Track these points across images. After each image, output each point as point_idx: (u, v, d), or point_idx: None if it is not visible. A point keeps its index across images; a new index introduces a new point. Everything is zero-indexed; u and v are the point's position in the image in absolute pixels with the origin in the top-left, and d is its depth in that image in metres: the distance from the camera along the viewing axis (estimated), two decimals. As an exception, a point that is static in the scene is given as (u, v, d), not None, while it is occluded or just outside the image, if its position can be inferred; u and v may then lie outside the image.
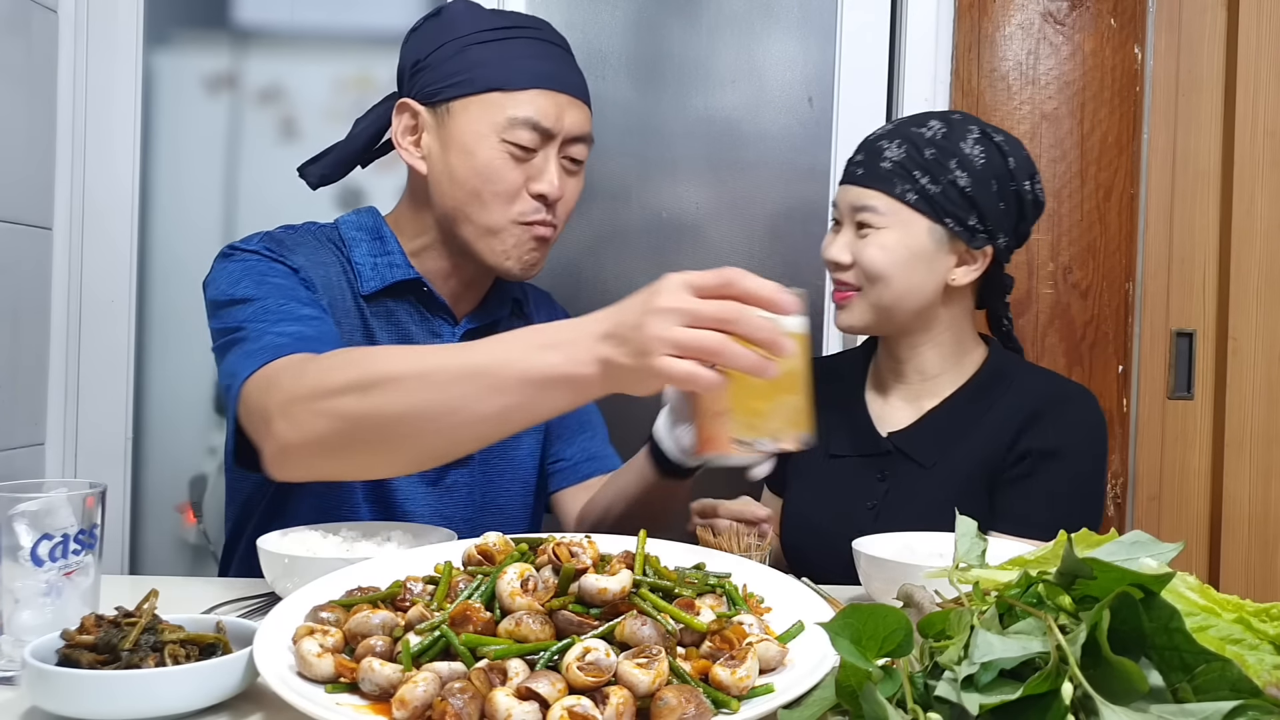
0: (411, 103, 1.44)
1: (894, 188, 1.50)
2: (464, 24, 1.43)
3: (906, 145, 1.50)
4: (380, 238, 1.48)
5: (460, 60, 1.40)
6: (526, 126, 1.39)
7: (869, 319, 1.55)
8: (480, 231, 1.42)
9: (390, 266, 1.46)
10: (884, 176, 1.50)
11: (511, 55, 1.41)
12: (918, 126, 1.53)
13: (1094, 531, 0.95)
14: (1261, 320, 2.19)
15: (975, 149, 1.50)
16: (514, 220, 1.41)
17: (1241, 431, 2.19)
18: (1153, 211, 2.23)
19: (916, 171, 1.49)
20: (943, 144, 1.50)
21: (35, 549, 0.94)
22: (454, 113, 1.41)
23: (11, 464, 1.99)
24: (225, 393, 1.28)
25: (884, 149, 1.52)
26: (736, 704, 0.80)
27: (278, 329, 1.26)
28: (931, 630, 0.76)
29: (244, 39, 2.22)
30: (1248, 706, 0.63)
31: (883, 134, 1.55)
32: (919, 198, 1.49)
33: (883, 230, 1.50)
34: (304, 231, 1.48)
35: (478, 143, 1.39)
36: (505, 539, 1.00)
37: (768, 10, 2.20)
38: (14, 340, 2.01)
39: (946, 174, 1.49)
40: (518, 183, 1.40)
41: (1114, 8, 2.11)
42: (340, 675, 0.85)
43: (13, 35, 1.97)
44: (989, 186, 1.50)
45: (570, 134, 1.42)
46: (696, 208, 2.21)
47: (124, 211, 2.15)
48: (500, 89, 1.39)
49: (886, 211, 1.50)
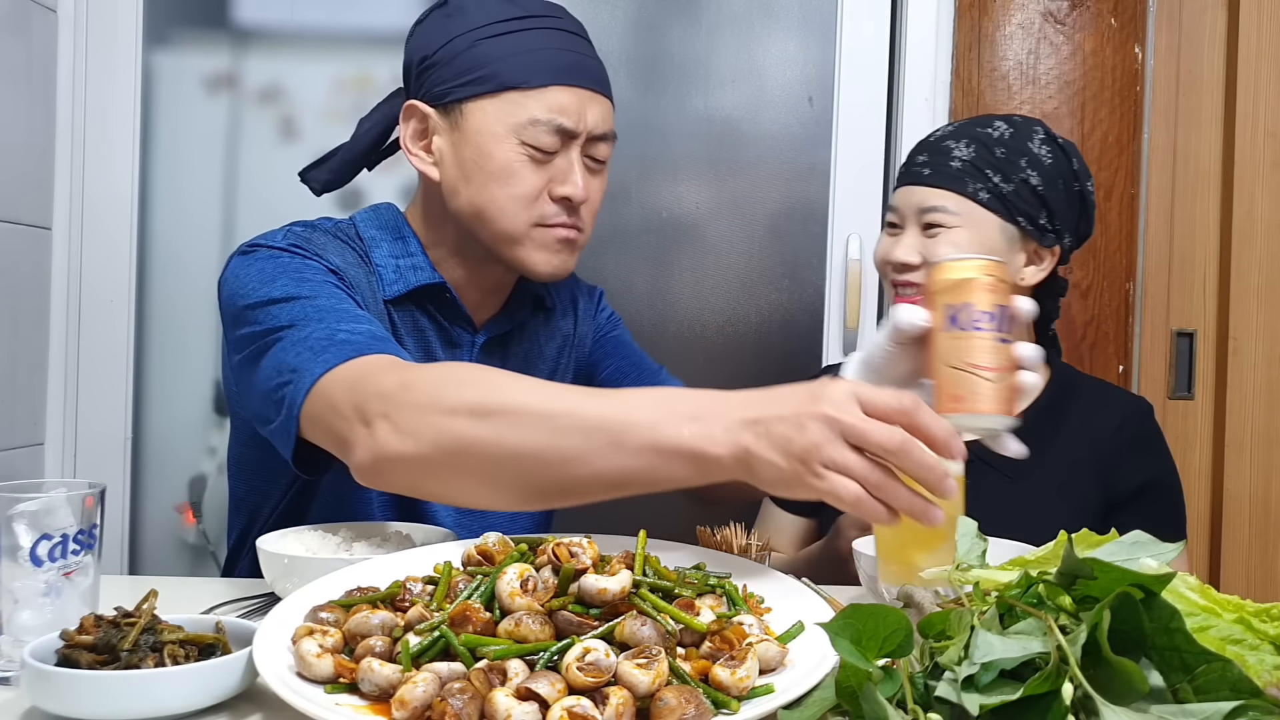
0: (420, 105, 1.35)
1: (965, 186, 1.48)
2: (474, 15, 1.32)
3: (975, 145, 1.49)
4: (401, 237, 1.39)
5: (472, 56, 1.31)
6: (547, 127, 1.30)
7: None
8: (500, 237, 1.33)
9: (414, 269, 1.37)
10: (955, 176, 1.49)
11: (528, 48, 1.31)
12: (983, 127, 1.52)
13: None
14: (1262, 320, 2.19)
15: (1042, 149, 1.50)
16: (535, 223, 1.33)
17: (1242, 431, 2.19)
18: (1153, 211, 2.22)
19: (988, 170, 1.48)
20: (1011, 143, 1.49)
21: (34, 549, 0.94)
22: (467, 114, 1.31)
23: (11, 464, 1.99)
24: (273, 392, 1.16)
25: (952, 149, 1.50)
26: (736, 704, 0.80)
27: (346, 326, 1.17)
28: (932, 630, 0.76)
29: (244, 39, 2.22)
30: (1248, 707, 0.63)
31: (947, 134, 1.53)
32: (991, 196, 1.48)
33: (955, 230, 1.48)
34: (324, 229, 1.37)
35: (494, 145, 1.30)
36: (505, 539, 1.00)
37: (768, 10, 2.20)
38: (13, 340, 2.01)
39: (1018, 172, 1.48)
40: (538, 186, 1.32)
41: (1114, 7, 2.11)
42: (340, 675, 0.85)
43: (12, 35, 1.97)
44: (1057, 185, 1.50)
45: (593, 132, 1.33)
46: (696, 208, 2.21)
47: (123, 211, 2.15)
48: (517, 86, 1.29)
49: (958, 211, 1.48)
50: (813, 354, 2.22)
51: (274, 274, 1.24)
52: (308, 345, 1.14)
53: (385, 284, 1.35)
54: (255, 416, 1.23)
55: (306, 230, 1.35)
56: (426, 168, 1.36)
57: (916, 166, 1.53)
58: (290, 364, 1.14)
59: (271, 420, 1.17)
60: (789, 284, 2.24)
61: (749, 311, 2.23)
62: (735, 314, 2.23)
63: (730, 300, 2.23)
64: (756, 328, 2.23)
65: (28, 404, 2.07)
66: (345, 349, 1.12)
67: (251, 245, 1.31)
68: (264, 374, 1.18)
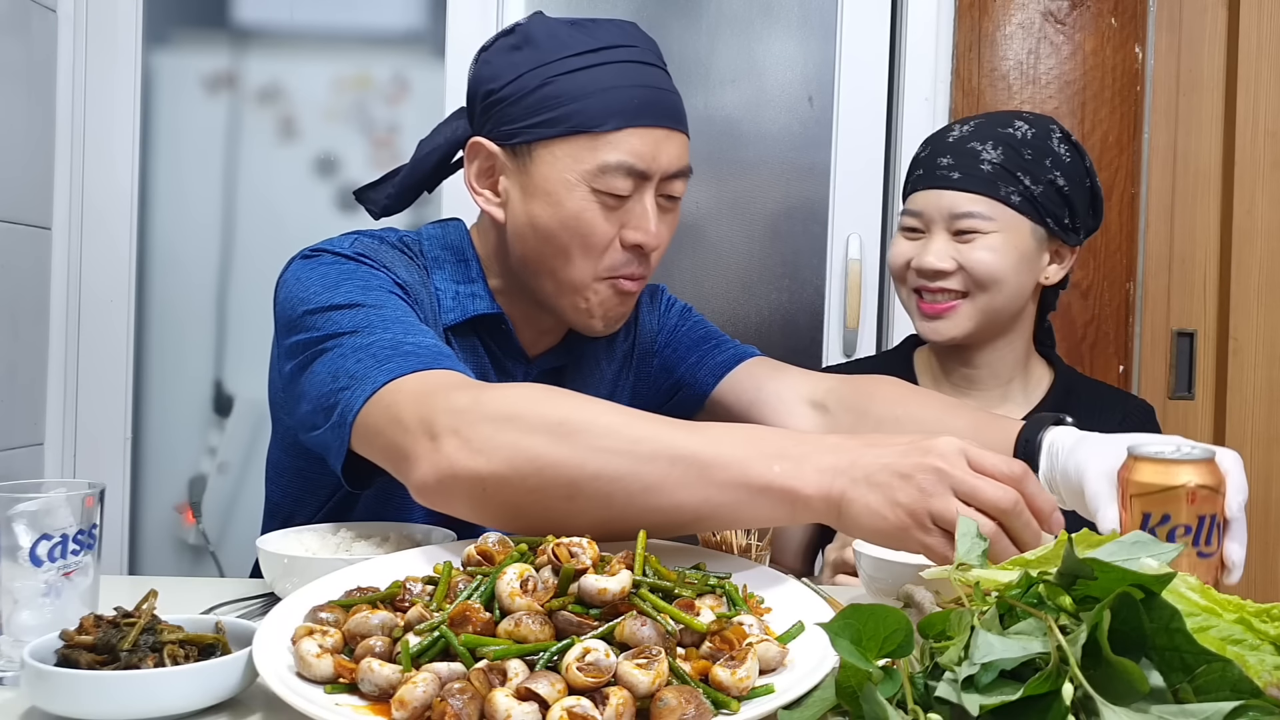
0: (486, 143, 1.27)
1: (998, 190, 1.47)
2: (546, 48, 1.23)
3: (1003, 147, 1.48)
4: (465, 261, 1.32)
5: (541, 95, 1.22)
6: (620, 172, 1.22)
7: (971, 327, 1.50)
8: (562, 288, 1.27)
9: (472, 297, 1.30)
10: (987, 180, 1.47)
11: (601, 86, 1.22)
12: (1005, 127, 1.50)
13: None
14: (1262, 320, 2.19)
15: (1061, 148, 1.50)
16: (600, 276, 1.26)
17: (1242, 432, 2.19)
18: (1153, 211, 2.22)
19: (1019, 173, 1.47)
20: (1035, 144, 1.48)
21: (34, 549, 0.94)
22: (536, 157, 1.23)
23: (10, 464, 1.99)
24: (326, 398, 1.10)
25: (980, 152, 1.48)
26: (736, 704, 0.80)
27: (413, 338, 1.10)
28: (932, 631, 0.76)
29: (243, 39, 2.22)
30: (1248, 707, 0.63)
31: (969, 135, 1.51)
32: (1022, 199, 1.47)
33: (990, 235, 1.47)
34: (390, 242, 1.30)
35: (566, 193, 1.22)
36: (505, 539, 1.00)
37: (768, 10, 2.20)
38: (13, 340, 2.01)
39: (1045, 173, 1.48)
40: (610, 234, 1.24)
41: (1114, 7, 2.11)
42: (339, 676, 0.84)
43: (12, 35, 1.97)
44: (1077, 184, 1.50)
45: (669, 171, 1.25)
46: (696, 208, 2.21)
47: (123, 211, 2.15)
48: (590, 130, 1.21)
49: (992, 215, 1.47)
50: (813, 354, 2.22)
51: (338, 280, 1.18)
52: (370, 353, 1.09)
53: (444, 310, 1.30)
54: (301, 424, 1.17)
55: (374, 241, 1.28)
56: (493, 209, 1.29)
57: (942, 170, 1.50)
58: (350, 370, 1.09)
59: (319, 427, 1.12)
60: (789, 284, 2.24)
61: (749, 311, 2.23)
62: (735, 314, 2.23)
63: (730, 300, 2.23)
64: (756, 328, 2.23)
65: (27, 404, 2.07)
66: (411, 360, 1.07)
67: (315, 250, 1.25)
68: (317, 379, 1.12)
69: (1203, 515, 0.95)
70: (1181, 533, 0.95)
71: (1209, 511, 0.95)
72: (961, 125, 1.54)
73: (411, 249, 1.31)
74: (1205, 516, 0.95)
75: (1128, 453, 0.99)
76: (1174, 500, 0.95)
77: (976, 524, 0.87)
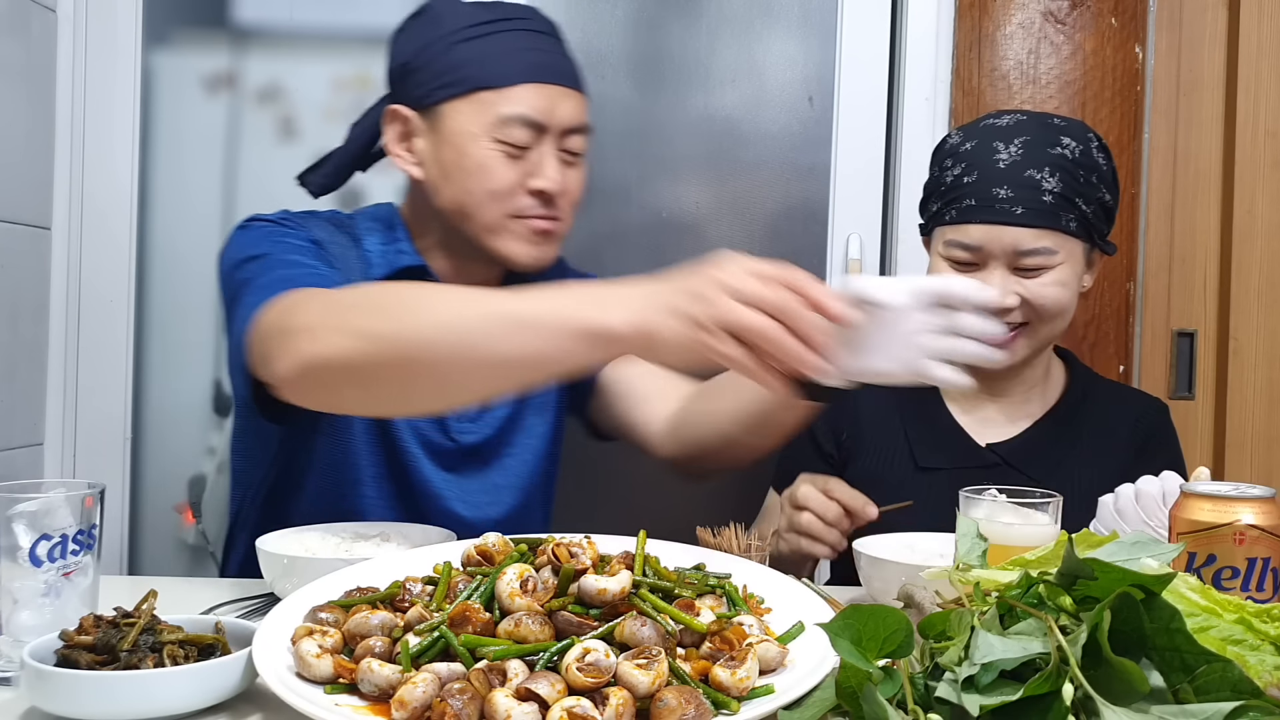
0: (401, 109, 1.42)
1: (1059, 221, 1.43)
2: (447, 21, 1.40)
3: (1060, 172, 1.43)
4: (392, 228, 1.47)
5: (446, 60, 1.38)
6: (518, 123, 1.37)
7: (1029, 354, 1.50)
8: (479, 230, 1.40)
9: (398, 254, 1.44)
10: (1049, 213, 1.42)
11: (498, 50, 1.38)
12: (1053, 147, 1.44)
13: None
14: (1262, 320, 2.19)
15: (1099, 156, 1.47)
16: (512, 216, 1.39)
17: (1242, 432, 2.19)
18: (1153, 211, 2.22)
19: (1077, 199, 1.44)
20: (1085, 161, 1.45)
21: (34, 549, 0.94)
22: (444, 115, 1.39)
23: (10, 464, 1.99)
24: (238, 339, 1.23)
25: (1039, 181, 1.42)
26: (736, 705, 0.80)
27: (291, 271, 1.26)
28: (932, 631, 0.76)
29: (243, 38, 2.22)
30: (1249, 707, 0.63)
31: (1024, 161, 1.43)
32: (1079, 224, 1.44)
33: (1059, 268, 1.44)
34: (322, 216, 1.47)
35: (470, 144, 1.37)
36: (505, 539, 1.00)
37: (768, 10, 2.20)
38: (13, 340, 2.01)
39: (1095, 192, 1.45)
40: (513, 180, 1.38)
41: (1115, 7, 2.11)
42: (339, 676, 0.85)
43: (12, 35, 1.97)
44: (1115, 193, 1.49)
45: (565, 125, 1.40)
46: (696, 208, 2.21)
47: (123, 211, 2.15)
48: (489, 87, 1.37)
49: (1057, 249, 1.43)
50: (813, 354, 2.21)
51: (257, 239, 1.35)
52: (259, 287, 1.23)
53: (372, 267, 1.43)
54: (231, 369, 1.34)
55: (304, 214, 1.45)
56: (410, 168, 1.43)
57: (1002, 203, 1.43)
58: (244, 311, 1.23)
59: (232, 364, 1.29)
60: (789, 284, 2.23)
61: (749, 311, 2.23)
62: (735, 314, 2.23)
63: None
64: (756, 328, 2.23)
65: (27, 404, 2.07)
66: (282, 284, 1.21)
67: (247, 221, 1.41)
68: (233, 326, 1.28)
69: (1253, 558, 0.90)
70: (1229, 575, 0.90)
71: (1262, 555, 0.90)
72: (1007, 146, 1.46)
73: (344, 223, 1.47)
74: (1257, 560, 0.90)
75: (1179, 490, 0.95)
76: (1220, 540, 0.90)
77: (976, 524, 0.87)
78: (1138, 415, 1.57)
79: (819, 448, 1.62)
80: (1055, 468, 1.51)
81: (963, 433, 1.55)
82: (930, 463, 1.54)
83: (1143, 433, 1.56)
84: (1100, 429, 1.55)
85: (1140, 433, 1.56)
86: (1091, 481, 1.48)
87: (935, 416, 1.57)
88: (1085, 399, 1.57)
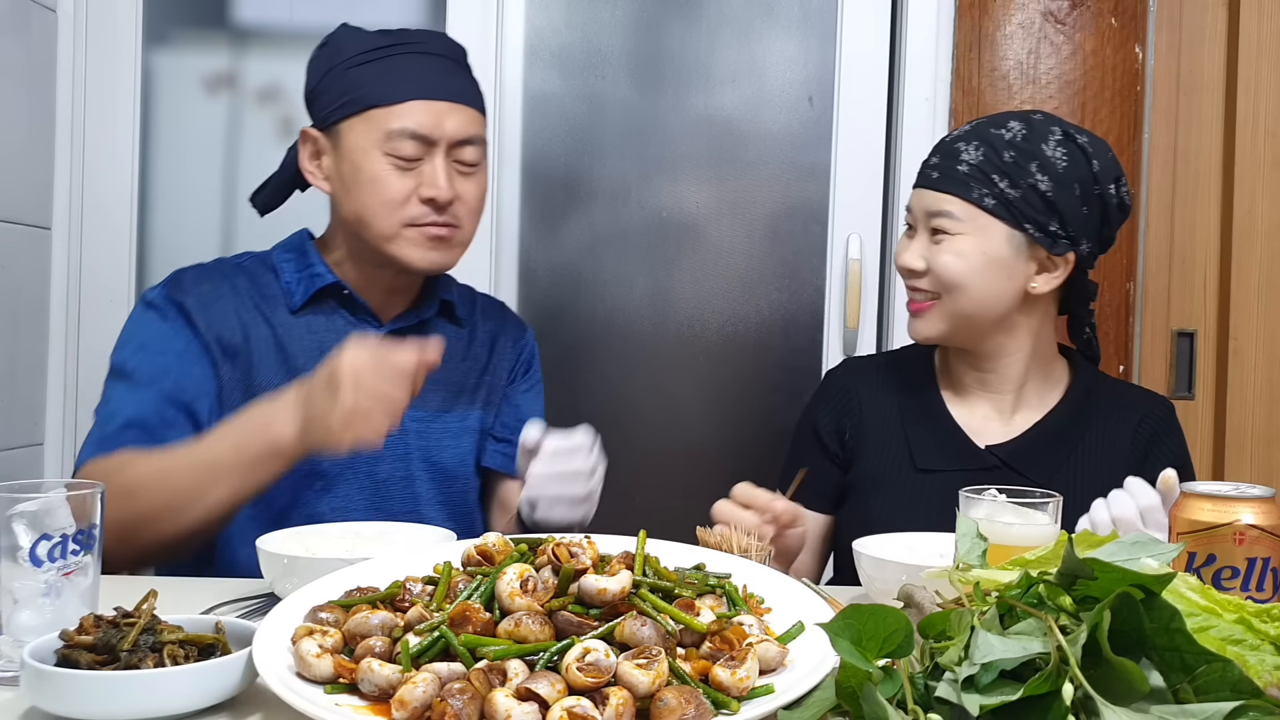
0: (311, 130, 1.53)
1: (970, 192, 1.44)
2: (346, 49, 1.49)
3: (984, 148, 1.45)
4: (304, 254, 1.56)
5: (343, 84, 1.48)
6: (405, 136, 1.45)
7: (945, 329, 1.50)
8: (378, 237, 1.48)
9: (311, 277, 1.53)
10: (960, 180, 1.45)
11: (389, 71, 1.47)
12: (996, 128, 1.47)
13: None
14: (1262, 320, 2.19)
15: (1057, 151, 1.45)
16: (405, 223, 1.47)
17: (1242, 432, 2.19)
18: (1153, 211, 2.22)
19: (995, 175, 1.44)
20: (1023, 146, 1.45)
21: (34, 549, 0.94)
22: (342, 133, 1.48)
23: (10, 464, 1.99)
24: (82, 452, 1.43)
25: (961, 151, 1.47)
26: (736, 705, 0.80)
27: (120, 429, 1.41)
28: (932, 631, 0.76)
29: (243, 39, 2.22)
30: (1248, 707, 0.63)
31: (960, 135, 1.50)
32: (997, 203, 1.44)
33: (958, 237, 1.45)
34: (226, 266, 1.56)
35: (363, 158, 1.46)
36: (505, 539, 1.00)
37: (768, 10, 2.20)
38: (13, 340, 2.01)
39: (1026, 177, 1.44)
40: (405, 191, 1.46)
41: (1115, 7, 2.11)
42: (339, 676, 0.85)
43: (12, 35, 1.97)
44: (1072, 190, 1.45)
45: (454, 138, 1.48)
46: (696, 208, 2.21)
47: (123, 211, 2.15)
48: (378, 105, 1.46)
49: (963, 217, 1.45)
50: (813, 354, 2.22)
51: (126, 338, 1.50)
52: (100, 424, 1.43)
53: (291, 297, 1.53)
54: None
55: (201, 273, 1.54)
56: (320, 183, 1.54)
57: (927, 168, 1.50)
58: (88, 439, 1.43)
59: None
60: (789, 284, 2.24)
61: (749, 312, 2.23)
62: (735, 314, 2.23)
63: (730, 300, 2.23)
64: (756, 328, 2.23)
65: (28, 404, 2.07)
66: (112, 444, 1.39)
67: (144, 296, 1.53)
68: None
69: (1253, 558, 0.90)
70: (1228, 575, 0.90)
71: (1262, 555, 0.90)
72: (966, 125, 1.53)
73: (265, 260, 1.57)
74: (1257, 560, 0.90)
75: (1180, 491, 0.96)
76: (1220, 540, 0.91)
77: (976, 524, 0.87)
78: (1142, 415, 1.55)
79: (824, 447, 1.61)
80: (1056, 470, 1.50)
81: (962, 434, 1.55)
82: (929, 464, 1.54)
83: (1146, 434, 1.55)
84: (1103, 430, 1.54)
85: (1144, 434, 1.54)
86: (1094, 484, 1.46)
87: (936, 416, 1.56)
88: (1089, 399, 1.56)
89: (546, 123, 2.18)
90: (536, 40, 2.18)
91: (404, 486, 1.55)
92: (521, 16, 2.17)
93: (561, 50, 2.19)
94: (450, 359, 1.60)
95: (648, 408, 2.19)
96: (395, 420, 1.26)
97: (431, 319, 1.60)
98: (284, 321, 1.52)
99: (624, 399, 2.23)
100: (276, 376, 1.48)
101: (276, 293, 1.54)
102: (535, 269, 2.19)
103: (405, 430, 1.53)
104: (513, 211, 2.18)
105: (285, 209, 1.65)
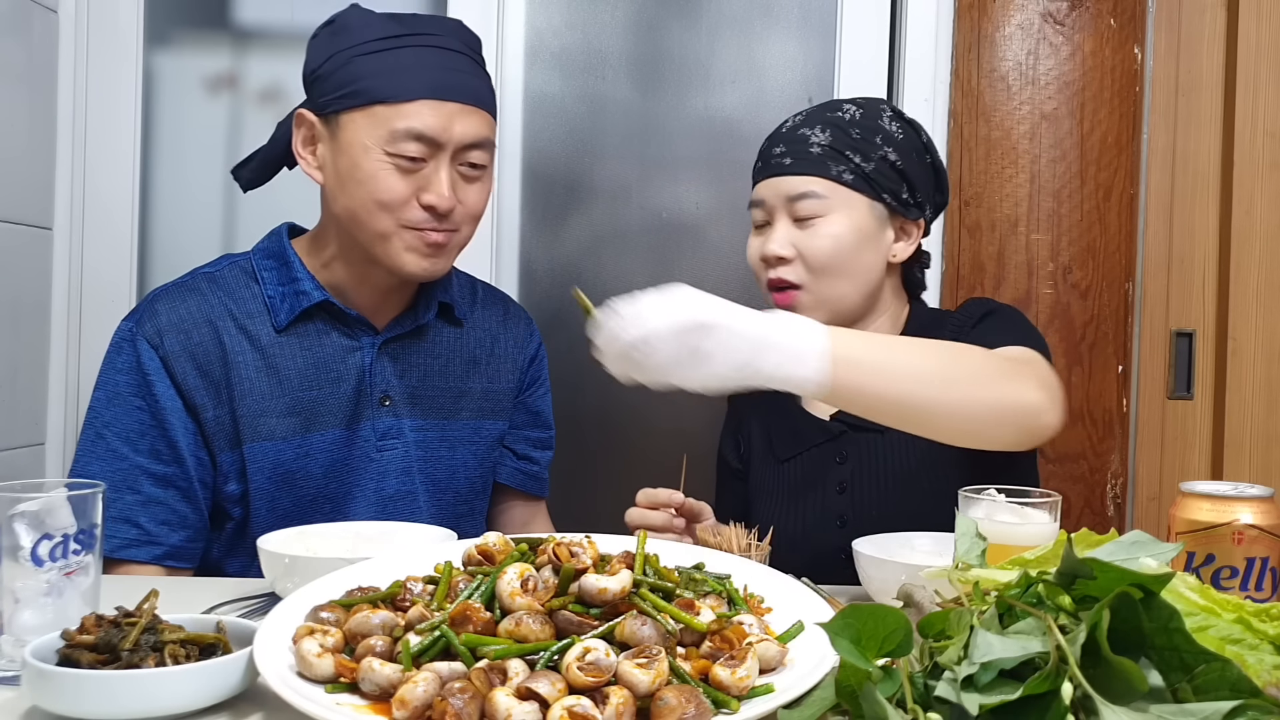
0: (308, 114, 1.45)
1: (829, 170, 1.47)
2: (355, 33, 1.42)
3: (830, 129, 1.49)
4: (287, 263, 1.49)
5: (347, 72, 1.40)
6: (410, 138, 1.38)
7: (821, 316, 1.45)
8: (372, 237, 1.43)
9: (297, 295, 1.47)
10: (817, 160, 1.47)
11: (398, 66, 1.39)
12: (833, 111, 1.51)
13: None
14: (1261, 320, 2.19)
15: (893, 125, 1.50)
16: (402, 226, 1.41)
17: (1241, 432, 2.19)
18: (1153, 211, 2.23)
19: (848, 151, 1.47)
20: (864, 123, 1.49)
21: (35, 549, 0.94)
22: (342, 125, 1.41)
23: (11, 464, 1.99)
24: None
25: (809, 136, 1.49)
26: (736, 704, 0.81)
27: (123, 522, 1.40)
28: (931, 630, 0.76)
29: (244, 39, 2.22)
30: (1247, 707, 0.63)
31: (800, 123, 1.52)
32: (855, 176, 1.47)
33: (827, 217, 1.46)
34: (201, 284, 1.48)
35: (363, 155, 1.39)
36: (505, 539, 1.00)
37: (768, 10, 2.20)
38: (14, 340, 2.01)
39: (875, 150, 1.48)
40: (405, 193, 1.40)
41: (1114, 8, 2.11)
42: (340, 675, 0.85)
43: (13, 35, 1.97)
44: (912, 158, 1.50)
45: (462, 142, 1.42)
46: (696, 208, 2.21)
47: (124, 211, 2.15)
48: (384, 102, 1.39)
49: (827, 195, 1.46)
50: (813, 354, 2.22)
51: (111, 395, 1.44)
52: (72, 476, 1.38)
53: (276, 315, 1.46)
54: None
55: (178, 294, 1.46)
56: (312, 171, 1.46)
57: (775, 158, 1.51)
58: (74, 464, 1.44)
59: None
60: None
61: (749, 312, 2.23)
62: (735, 314, 2.23)
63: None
64: (756, 328, 2.23)
65: (28, 404, 2.07)
66: None
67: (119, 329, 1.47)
68: None
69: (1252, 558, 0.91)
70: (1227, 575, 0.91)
71: (1261, 554, 0.91)
72: (795, 116, 1.54)
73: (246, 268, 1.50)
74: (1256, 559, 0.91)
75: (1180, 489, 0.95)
76: (1219, 539, 0.91)
77: (975, 523, 0.87)
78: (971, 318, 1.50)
79: (730, 467, 1.66)
80: None
81: (809, 415, 1.56)
82: (787, 453, 1.57)
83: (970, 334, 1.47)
84: None
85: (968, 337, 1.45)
86: None
87: (786, 408, 1.58)
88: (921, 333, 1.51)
89: (547, 123, 2.19)
90: (537, 41, 2.19)
91: (408, 502, 1.52)
92: (522, 17, 2.18)
93: (562, 51, 2.19)
94: (448, 365, 1.59)
95: (648, 408, 2.19)
96: None
97: (429, 323, 1.56)
98: (271, 341, 1.46)
99: (624, 399, 2.23)
100: (267, 400, 1.43)
101: (259, 307, 1.47)
102: (535, 269, 2.19)
103: (408, 443, 1.52)
104: (513, 212, 2.18)
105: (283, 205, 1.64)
